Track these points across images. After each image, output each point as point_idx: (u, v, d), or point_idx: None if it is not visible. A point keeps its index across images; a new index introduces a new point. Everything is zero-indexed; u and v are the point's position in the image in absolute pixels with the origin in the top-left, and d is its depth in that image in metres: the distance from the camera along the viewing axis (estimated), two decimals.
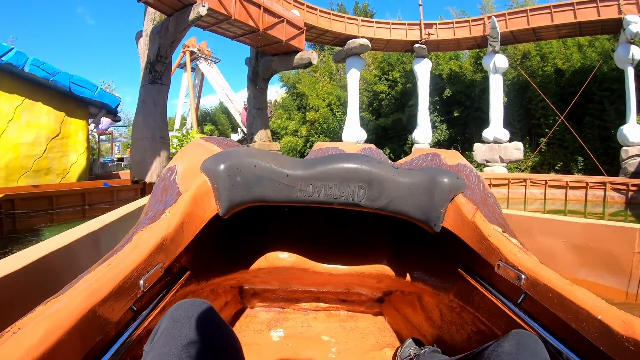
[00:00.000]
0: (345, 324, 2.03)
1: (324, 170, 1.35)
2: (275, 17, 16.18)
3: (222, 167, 1.33)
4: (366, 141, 22.34)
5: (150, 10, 13.49)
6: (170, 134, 42.91)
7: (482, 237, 1.23)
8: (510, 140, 21.41)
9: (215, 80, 47.11)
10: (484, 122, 23.19)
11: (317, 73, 36.06)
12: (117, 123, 37.09)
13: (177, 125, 47.91)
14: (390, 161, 1.64)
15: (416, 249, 1.78)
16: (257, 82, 18.90)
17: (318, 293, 2.06)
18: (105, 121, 26.35)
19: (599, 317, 0.85)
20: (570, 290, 0.92)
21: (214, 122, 50.99)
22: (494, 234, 1.20)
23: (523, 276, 1.05)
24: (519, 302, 1.14)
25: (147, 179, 12.91)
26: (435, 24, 22.51)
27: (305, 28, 17.95)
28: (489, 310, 1.40)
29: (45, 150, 12.93)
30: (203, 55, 46.26)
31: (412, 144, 24.07)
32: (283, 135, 35.89)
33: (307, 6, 19.51)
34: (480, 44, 22.81)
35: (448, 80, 27.84)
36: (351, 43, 21.57)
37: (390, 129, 29.84)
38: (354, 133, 22.11)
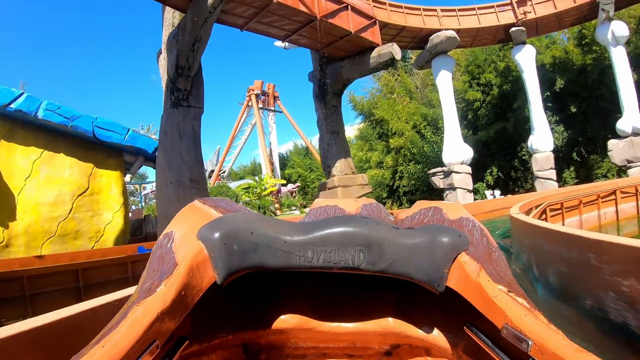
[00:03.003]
0: None
1: (322, 235, 1.32)
2: (336, 2, 12.54)
3: (217, 235, 1.29)
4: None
5: (167, 16, 10.73)
6: (244, 181, 41.09)
7: (486, 298, 1.18)
8: None
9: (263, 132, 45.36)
10: (610, 114, 20.53)
11: (394, 95, 33.06)
12: None
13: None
14: (391, 217, 1.75)
15: (422, 304, 1.62)
16: (327, 98, 15.31)
17: (324, 349, 1.84)
18: None
19: None
20: (579, 358, 0.90)
21: (292, 166, 48.70)
22: (499, 295, 1.16)
23: (530, 342, 1.01)
24: None
25: None
26: None
27: (376, 18, 14.19)
28: None
29: (71, 210, 11.35)
30: (263, 106, 44.98)
31: (530, 154, 20.15)
32: (367, 168, 32.77)
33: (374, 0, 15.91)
34: (586, 16, 19.47)
35: (552, 70, 23.84)
36: (435, 38, 18.19)
37: (492, 142, 26.17)
38: (457, 152, 18.45)
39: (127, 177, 15.55)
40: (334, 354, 1.85)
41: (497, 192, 24.20)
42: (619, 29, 17.86)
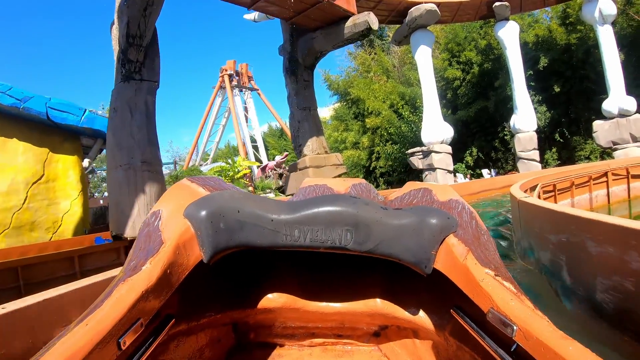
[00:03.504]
0: (341, 359, 1.93)
1: (309, 214, 1.34)
2: None
3: (204, 213, 1.31)
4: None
5: None
6: (217, 164, 40.19)
7: (473, 281, 1.19)
8: None
9: (242, 113, 44.11)
10: (594, 95, 20.23)
11: (370, 73, 31.92)
12: None
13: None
14: (380, 197, 1.73)
15: (409, 286, 1.67)
16: (298, 72, 14.14)
17: (313, 328, 1.93)
18: None
19: None
20: (564, 345, 0.90)
21: (266, 148, 47.51)
22: (486, 279, 1.17)
23: (515, 327, 1.01)
24: (512, 350, 1.07)
25: (129, 232, 8.61)
26: None
27: None
28: (485, 352, 1.24)
29: (25, 200, 10.57)
30: (237, 85, 43.58)
31: (512, 134, 19.46)
32: (342, 149, 31.80)
33: None
34: None
35: (536, 49, 23.22)
36: (415, 11, 17.21)
37: (472, 122, 25.32)
38: (437, 131, 17.55)
39: (86, 162, 14.41)
40: (322, 333, 1.91)
41: (494, 172, 23.57)
42: (607, 7, 17.11)
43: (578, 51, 22.05)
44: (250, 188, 40.29)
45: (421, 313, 1.61)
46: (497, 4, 17.86)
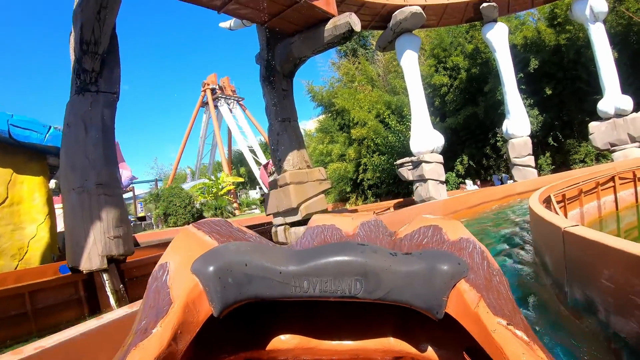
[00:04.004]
0: None
1: (317, 265, 1.27)
2: None
3: (211, 269, 1.25)
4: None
5: None
6: (200, 181, 39.08)
7: (485, 331, 1.14)
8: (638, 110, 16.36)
9: (234, 124, 43.09)
10: (587, 96, 19.99)
11: (355, 83, 31.29)
12: (137, 179, 33.14)
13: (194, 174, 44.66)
14: (389, 231, 1.67)
15: (422, 322, 1.51)
16: (275, 80, 13.06)
17: None
18: (125, 176, 23.26)
19: None
20: None
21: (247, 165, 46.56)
22: (498, 330, 1.11)
23: None
24: None
25: (85, 264, 7.63)
26: None
27: None
28: None
29: None
30: (223, 96, 42.65)
31: (505, 140, 18.64)
32: (328, 162, 31.11)
33: None
34: None
35: (525, 51, 22.71)
36: (399, 14, 16.33)
37: (462, 129, 24.59)
38: (427, 139, 16.52)
39: (52, 183, 13.44)
40: None
41: (477, 186, 22.75)
42: (598, 4, 16.57)
43: (569, 52, 21.62)
44: (235, 204, 39.30)
45: (434, 350, 1.54)
46: (484, 5, 17.11)
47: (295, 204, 11.50)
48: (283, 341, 1.64)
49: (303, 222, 11.71)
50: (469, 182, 22.69)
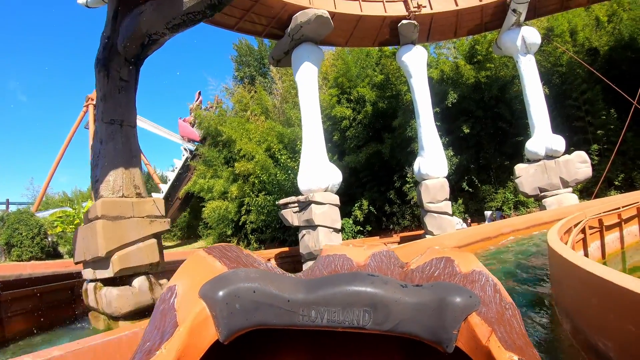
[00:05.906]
0: None
1: (326, 295, 1.30)
2: None
3: (220, 294, 1.28)
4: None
5: None
6: (60, 209, 33.02)
7: None
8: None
9: None
10: (508, 137, 19.63)
11: (247, 112, 27.95)
12: None
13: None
14: (400, 263, 1.75)
15: (432, 354, 1.57)
16: (112, 65, 8.84)
17: None
18: None
19: None
20: None
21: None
22: None
23: None
24: None
25: None
26: None
27: None
28: None
29: None
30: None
31: (416, 182, 15.72)
32: (208, 199, 27.01)
33: None
34: (488, 23, 16.94)
35: (442, 84, 21.16)
36: (300, 15, 13.23)
37: (363, 169, 21.94)
38: (319, 174, 13.01)
39: None
40: None
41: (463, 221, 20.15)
42: (531, 35, 15.25)
43: (491, 88, 20.32)
44: None
45: None
46: (403, 22, 14.61)
47: (104, 251, 7.11)
48: None
49: (119, 281, 7.36)
50: (457, 219, 19.50)
